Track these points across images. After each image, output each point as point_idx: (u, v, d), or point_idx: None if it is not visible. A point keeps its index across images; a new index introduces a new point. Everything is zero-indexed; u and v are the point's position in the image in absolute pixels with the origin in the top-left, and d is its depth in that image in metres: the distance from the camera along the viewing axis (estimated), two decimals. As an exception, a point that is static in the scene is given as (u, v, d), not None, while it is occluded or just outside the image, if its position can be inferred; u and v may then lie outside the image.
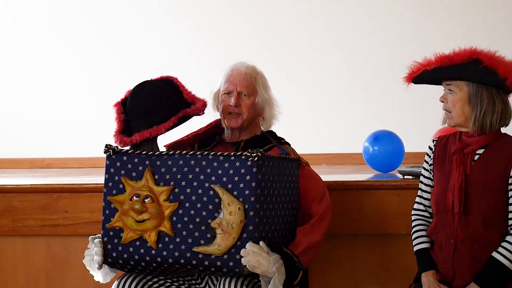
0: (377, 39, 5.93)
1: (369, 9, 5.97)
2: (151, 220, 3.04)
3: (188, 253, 3.00)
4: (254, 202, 2.95)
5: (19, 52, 6.28)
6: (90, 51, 6.21)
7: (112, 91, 5.91)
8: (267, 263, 2.97)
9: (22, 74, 6.27)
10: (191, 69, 5.85)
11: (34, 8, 6.28)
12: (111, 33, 6.20)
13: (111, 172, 3.12)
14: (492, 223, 2.96)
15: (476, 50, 2.98)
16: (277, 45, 6.03)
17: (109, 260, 3.11)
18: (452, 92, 2.99)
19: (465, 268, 2.98)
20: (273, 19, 6.07)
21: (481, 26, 5.81)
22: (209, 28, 6.13)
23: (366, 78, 5.88)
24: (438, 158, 3.12)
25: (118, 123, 3.24)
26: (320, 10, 6.02)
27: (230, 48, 5.98)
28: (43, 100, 6.22)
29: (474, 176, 2.99)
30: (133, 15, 6.21)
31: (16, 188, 3.95)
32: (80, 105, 6.17)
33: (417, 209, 3.20)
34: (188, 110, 3.21)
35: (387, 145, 4.37)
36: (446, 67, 2.98)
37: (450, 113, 3.01)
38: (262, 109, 3.39)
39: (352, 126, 5.84)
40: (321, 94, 5.97)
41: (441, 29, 5.83)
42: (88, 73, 6.20)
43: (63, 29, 6.24)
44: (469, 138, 3.03)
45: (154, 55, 6.14)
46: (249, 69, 3.38)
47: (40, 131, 6.19)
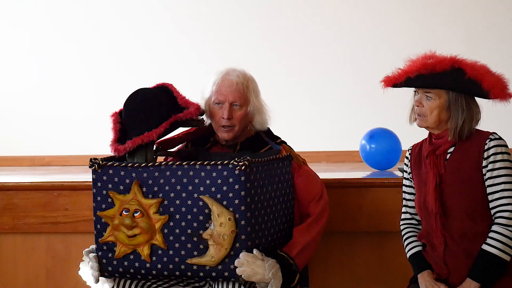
0: (375, 37, 5.92)
1: (369, 7, 5.97)
2: (142, 235, 3.03)
3: (182, 265, 3.00)
4: (245, 211, 2.93)
5: (18, 49, 6.27)
6: (91, 48, 6.20)
7: (113, 89, 5.98)
8: (262, 270, 2.96)
9: (22, 70, 6.26)
10: (193, 65, 5.87)
11: (34, 5, 6.27)
12: (112, 30, 6.19)
13: (98, 186, 3.09)
14: (476, 216, 2.98)
15: (458, 59, 3.00)
16: (276, 42, 6.02)
17: (105, 274, 3.12)
18: (429, 98, 3.00)
19: (459, 264, 3.00)
20: (274, 16, 6.06)
21: (483, 25, 5.80)
22: (210, 24, 6.11)
23: (366, 76, 5.87)
24: (415, 165, 3.15)
25: (114, 132, 3.21)
26: (320, 8, 6.01)
27: (231, 45, 5.96)
28: (43, 98, 6.22)
29: (449, 174, 3.01)
30: (135, 10, 6.19)
31: (17, 185, 3.95)
32: (81, 102, 6.17)
33: (405, 219, 3.24)
34: (180, 115, 3.16)
35: (383, 143, 4.37)
36: (428, 75, 2.98)
37: (425, 117, 3.02)
38: (253, 117, 3.31)
39: (351, 123, 5.83)
40: (320, 91, 5.97)
41: (442, 27, 5.83)
42: (89, 70, 6.20)
43: (63, 25, 6.23)
44: (439, 140, 3.06)
45: (156, 52, 6.12)
46: (240, 78, 3.27)
47: (41, 128, 6.19)
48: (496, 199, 2.96)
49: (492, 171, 2.97)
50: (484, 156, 2.98)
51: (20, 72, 6.27)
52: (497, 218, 2.96)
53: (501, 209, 2.95)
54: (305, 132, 5.77)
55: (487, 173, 2.98)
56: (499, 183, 2.96)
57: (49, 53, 6.24)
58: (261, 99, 3.34)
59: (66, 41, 6.23)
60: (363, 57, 5.91)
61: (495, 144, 2.99)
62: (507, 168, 2.97)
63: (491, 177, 2.97)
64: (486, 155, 2.98)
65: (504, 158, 2.97)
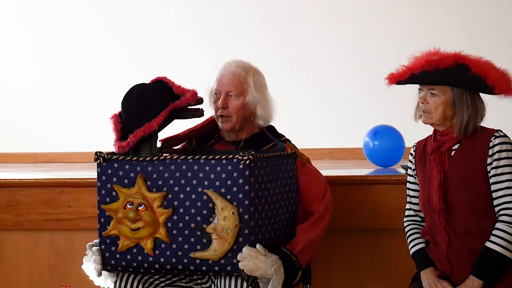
0: (379, 35, 5.92)
1: (373, 5, 5.96)
2: (146, 228, 3.04)
3: (185, 259, 3.01)
4: (248, 205, 2.94)
5: (22, 46, 6.28)
6: (94, 46, 6.21)
7: (116, 86, 5.92)
8: (265, 265, 2.96)
9: (26, 69, 6.27)
10: (199, 61, 5.87)
11: (39, 4, 6.28)
12: (116, 28, 6.20)
13: (103, 180, 3.11)
14: (480, 212, 2.98)
15: (462, 55, 2.99)
16: (282, 40, 6.02)
17: (108, 267, 3.13)
18: (434, 95, 3.00)
19: (462, 261, 3.00)
20: (278, 15, 6.06)
21: (487, 24, 5.80)
22: (217, 21, 6.11)
23: (370, 73, 5.87)
24: (419, 161, 3.15)
25: (116, 132, 3.22)
26: (325, 6, 6.02)
27: (238, 41, 5.98)
28: (46, 94, 6.23)
29: (454, 170, 3.01)
30: (139, 7, 6.20)
31: (20, 182, 3.96)
32: (84, 100, 6.18)
33: (408, 215, 3.24)
34: (177, 102, 3.17)
35: (387, 140, 4.37)
36: (433, 71, 2.98)
37: (430, 114, 3.02)
38: (254, 108, 3.30)
39: (355, 120, 5.84)
40: (323, 89, 5.97)
41: (445, 25, 5.83)
42: (92, 68, 6.20)
43: (67, 24, 6.24)
44: (444, 136, 3.05)
45: (161, 50, 6.13)
46: (239, 68, 3.29)
47: (44, 125, 6.20)
48: (500, 196, 2.96)
49: (497, 168, 2.96)
50: (488, 153, 2.98)
51: (23, 70, 6.28)
52: (501, 216, 2.96)
53: (505, 207, 2.95)
54: (308, 129, 5.77)
55: (492, 170, 2.97)
56: (503, 181, 2.96)
57: (52, 51, 6.25)
58: (266, 93, 3.33)
59: (69, 40, 6.24)
60: (367, 54, 5.91)
61: (500, 141, 2.98)
62: (511, 165, 2.96)
63: (495, 175, 2.96)
64: (490, 152, 2.98)
65: (508, 156, 2.97)
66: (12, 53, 6.29)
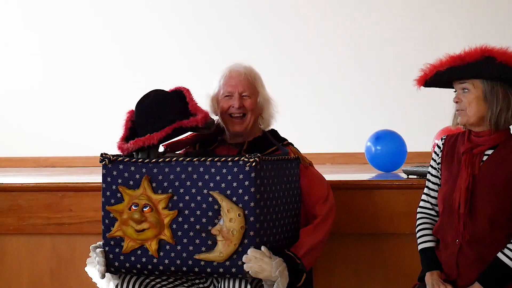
0: (380, 39, 5.92)
1: (374, 9, 5.96)
2: (151, 229, 3.04)
3: (190, 260, 3.01)
4: (254, 207, 2.95)
5: (24, 50, 6.29)
6: (97, 49, 6.20)
7: (119, 90, 5.99)
8: (269, 268, 2.96)
9: (27, 72, 6.27)
10: (200, 65, 5.87)
11: (41, 5, 6.28)
12: (119, 31, 6.19)
13: (108, 181, 3.12)
14: (498, 224, 2.95)
15: (488, 48, 2.97)
16: (283, 44, 6.02)
17: (112, 269, 3.12)
18: (467, 91, 2.98)
19: (470, 268, 2.98)
20: (279, 18, 6.06)
21: (487, 24, 5.80)
22: (217, 24, 6.11)
23: (372, 78, 5.87)
24: (447, 157, 3.11)
25: (124, 129, 3.22)
26: (326, 9, 6.01)
27: (238, 45, 5.97)
28: (48, 99, 6.22)
29: (482, 177, 2.98)
30: (141, 10, 6.20)
31: (21, 186, 3.95)
32: (86, 104, 6.17)
33: (423, 207, 3.19)
34: (184, 121, 3.15)
35: (389, 145, 4.36)
36: (459, 66, 2.96)
37: (464, 111, 3.00)
38: (262, 109, 3.34)
39: (356, 125, 5.83)
40: (325, 93, 5.97)
41: (446, 29, 5.82)
42: (95, 72, 6.20)
43: (69, 26, 6.24)
44: (479, 138, 3.02)
45: (163, 53, 6.12)
46: (247, 70, 3.33)
47: (45, 129, 6.20)
48: None
49: None
50: None
51: (25, 74, 6.28)
52: None
53: None
54: (310, 133, 5.76)
55: None
56: None
57: (54, 54, 6.24)
58: (268, 92, 3.38)
59: (71, 43, 6.24)
60: (369, 59, 5.90)
61: None
62: None
63: None
64: None
65: None
66: (14, 56, 6.29)
